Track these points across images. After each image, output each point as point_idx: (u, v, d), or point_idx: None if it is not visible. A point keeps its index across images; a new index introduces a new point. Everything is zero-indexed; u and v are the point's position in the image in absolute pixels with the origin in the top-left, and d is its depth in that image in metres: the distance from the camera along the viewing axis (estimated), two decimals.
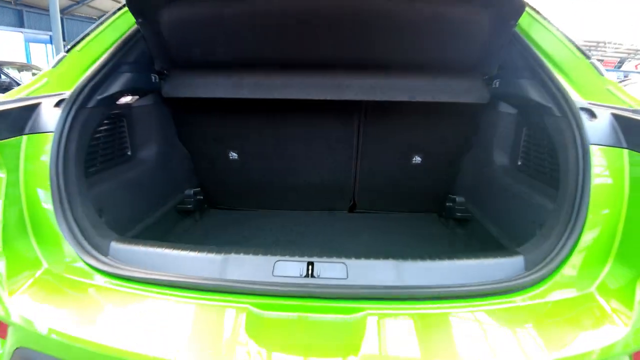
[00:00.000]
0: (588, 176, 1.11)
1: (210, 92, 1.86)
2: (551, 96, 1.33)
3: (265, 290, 1.02)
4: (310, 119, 2.12)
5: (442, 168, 2.22)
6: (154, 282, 1.06)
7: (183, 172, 2.24)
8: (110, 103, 1.57)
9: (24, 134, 1.23)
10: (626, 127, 1.13)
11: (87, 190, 1.36)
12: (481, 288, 1.04)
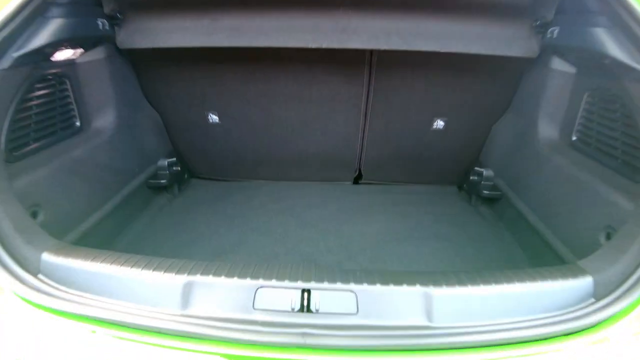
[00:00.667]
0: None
1: (177, 40, 1.44)
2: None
3: (242, 339, 0.72)
4: (307, 72, 1.69)
5: (468, 134, 1.84)
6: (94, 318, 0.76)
7: (153, 138, 1.84)
8: (37, 60, 1.17)
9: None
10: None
11: (9, 181, 1.02)
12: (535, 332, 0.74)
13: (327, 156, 1.95)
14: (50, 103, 1.32)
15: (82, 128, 1.47)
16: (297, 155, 1.95)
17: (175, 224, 1.68)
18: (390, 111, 1.76)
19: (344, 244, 1.57)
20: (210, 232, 1.65)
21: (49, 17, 1.15)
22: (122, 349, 0.74)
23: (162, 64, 1.64)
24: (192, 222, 1.70)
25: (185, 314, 0.77)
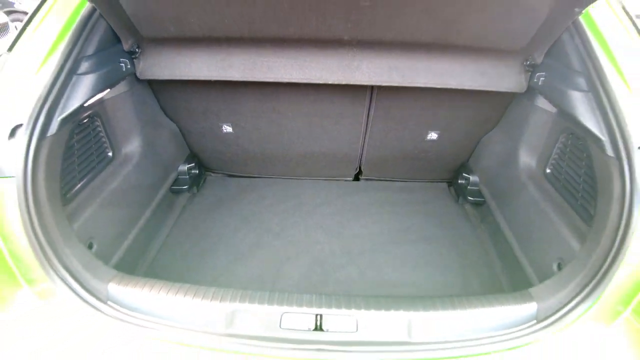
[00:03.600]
0: (630, 237, 1.00)
1: (194, 72, 1.58)
2: (607, 127, 1.13)
3: (272, 353, 0.96)
4: (315, 94, 1.85)
5: (458, 145, 2.05)
6: (159, 337, 0.99)
7: (173, 149, 2.03)
8: (76, 115, 1.30)
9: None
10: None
11: (71, 224, 1.21)
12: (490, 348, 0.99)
13: (331, 157, 2.17)
14: (87, 143, 1.49)
15: (114, 157, 1.65)
16: (303, 156, 2.17)
17: (197, 228, 1.93)
18: (389, 125, 1.96)
19: (346, 246, 1.83)
20: (229, 234, 1.90)
21: (81, 74, 1.28)
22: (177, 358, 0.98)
23: (179, 85, 1.79)
24: (211, 224, 1.95)
25: (228, 333, 1.01)
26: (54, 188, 1.16)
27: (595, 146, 1.19)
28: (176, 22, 1.42)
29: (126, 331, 1.01)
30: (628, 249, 1.01)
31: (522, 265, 1.49)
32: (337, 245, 1.83)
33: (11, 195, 1.05)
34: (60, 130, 1.18)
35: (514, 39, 1.44)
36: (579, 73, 1.28)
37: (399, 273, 1.71)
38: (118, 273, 1.15)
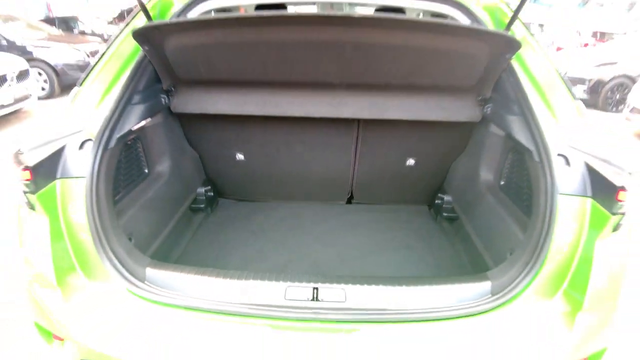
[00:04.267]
0: (553, 221, 1.30)
1: (217, 108, 1.97)
2: (534, 142, 1.46)
3: (279, 315, 1.24)
4: (312, 127, 2.25)
5: (433, 170, 2.41)
6: (188, 307, 1.26)
7: (194, 172, 2.39)
8: (128, 136, 1.67)
9: (57, 179, 1.35)
10: (594, 179, 1.30)
11: (118, 220, 1.50)
12: (452, 313, 1.26)
13: (327, 183, 2.52)
14: (131, 160, 1.84)
15: (149, 173, 2.01)
16: (303, 182, 2.52)
17: (212, 240, 2.23)
18: (373, 153, 2.34)
19: (339, 253, 2.14)
20: (239, 244, 2.19)
21: (134, 104, 1.64)
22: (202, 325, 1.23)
23: (202, 119, 2.15)
24: (224, 238, 2.24)
25: (244, 302, 1.28)
26: (109, 190, 1.47)
27: (527, 155, 1.52)
28: (206, 69, 1.82)
29: (160, 305, 1.27)
30: (554, 230, 1.30)
31: (486, 260, 1.79)
32: (331, 252, 2.13)
33: (80, 191, 1.35)
34: (116, 145, 1.52)
35: (465, 80, 1.83)
36: (514, 102, 1.64)
37: (382, 270, 2.01)
38: (152, 260, 1.45)
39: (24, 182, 1.27)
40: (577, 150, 1.36)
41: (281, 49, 1.70)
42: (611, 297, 1.27)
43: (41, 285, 1.28)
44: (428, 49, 1.66)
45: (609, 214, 1.23)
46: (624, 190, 1.19)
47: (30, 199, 1.29)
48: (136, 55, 1.67)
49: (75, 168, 1.37)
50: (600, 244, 1.25)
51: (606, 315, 1.26)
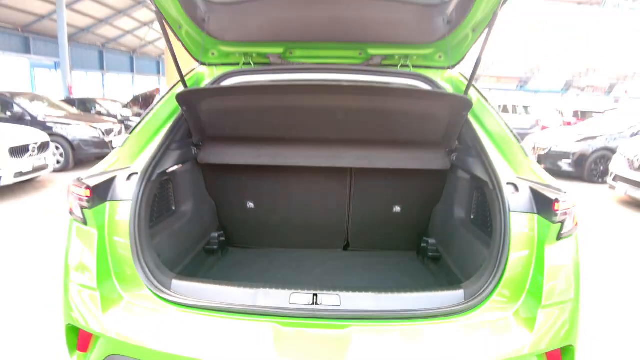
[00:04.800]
0: (508, 235, 1.54)
1: (236, 159, 2.33)
2: (487, 174, 1.77)
3: (285, 314, 1.44)
4: (313, 178, 2.59)
5: (417, 216, 2.69)
6: (208, 308, 1.46)
7: (210, 218, 2.66)
8: (164, 175, 2.00)
9: (107, 201, 1.63)
10: (537, 199, 1.56)
11: (151, 241, 1.74)
12: (430, 312, 1.46)
13: (325, 230, 2.78)
14: (163, 196, 2.14)
15: (175, 211, 2.29)
16: (305, 230, 2.78)
17: (222, 277, 2.43)
18: (365, 202, 2.64)
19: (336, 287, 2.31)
20: (246, 280, 2.38)
21: (172, 150, 1.99)
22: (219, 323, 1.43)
23: (221, 171, 2.48)
24: (233, 275, 2.46)
25: (255, 304, 1.49)
26: (147, 213, 1.75)
27: (485, 187, 1.81)
28: (229, 127, 2.22)
29: (183, 307, 1.48)
30: (510, 241, 1.54)
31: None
32: (329, 286, 2.32)
33: (124, 212, 1.63)
34: (156, 179, 1.84)
35: (433, 136, 2.22)
36: (473, 148, 1.99)
37: None
38: (177, 275, 1.68)
39: (84, 198, 1.55)
40: (523, 180, 1.66)
41: (289, 112, 2.11)
42: (566, 295, 1.48)
43: (83, 287, 1.51)
44: (403, 111, 2.07)
45: (551, 223, 1.49)
46: (557, 202, 1.45)
47: (85, 214, 1.57)
48: (175, 114, 2.05)
49: (123, 194, 1.66)
50: (549, 249, 1.50)
51: (565, 310, 1.46)
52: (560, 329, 1.44)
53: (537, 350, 1.38)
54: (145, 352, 1.37)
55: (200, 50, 2.25)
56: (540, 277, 1.48)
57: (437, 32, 2.13)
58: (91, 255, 1.54)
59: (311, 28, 2.19)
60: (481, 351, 1.36)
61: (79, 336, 1.53)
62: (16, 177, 6.18)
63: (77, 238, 1.59)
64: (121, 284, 1.54)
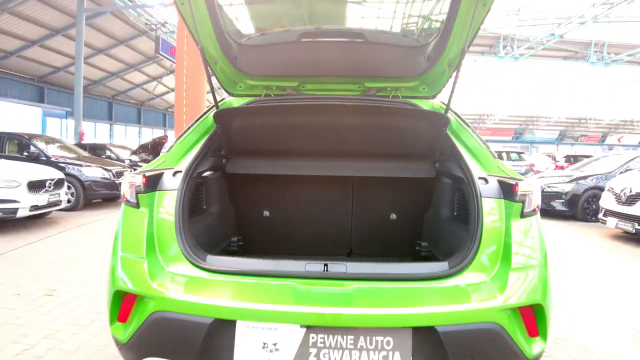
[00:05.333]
0: (481, 215, 1.83)
1: (257, 170, 2.72)
2: (464, 173, 2.09)
3: (301, 276, 1.70)
4: (320, 189, 2.93)
5: (410, 222, 2.97)
6: (238, 272, 1.74)
7: (231, 222, 2.97)
8: (200, 176, 2.34)
9: (156, 190, 1.95)
10: (502, 187, 1.88)
11: (190, 227, 2.02)
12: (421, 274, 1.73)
13: (331, 238, 3.05)
14: (197, 195, 2.45)
15: (205, 210, 2.59)
16: (312, 238, 3.06)
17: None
18: (366, 210, 2.95)
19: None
20: None
21: (207, 157, 2.36)
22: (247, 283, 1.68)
23: (242, 182, 2.83)
24: None
25: (277, 269, 1.74)
26: (188, 202, 2.04)
27: (462, 183, 2.13)
28: (253, 142, 2.62)
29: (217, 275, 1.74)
30: (483, 220, 1.83)
31: None
32: None
33: (170, 200, 1.95)
34: (195, 177, 2.18)
35: (420, 149, 2.60)
36: (452, 156, 2.34)
37: None
38: (209, 254, 1.94)
39: (140, 185, 1.87)
40: (491, 175, 2.00)
41: (301, 129, 2.52)
42: (532, 260, 1.75)
43: (133, 258, 1.78)
44: (394, 127, 2.48)
45: (514, 203, 1.81)
46: (517, 186, 1.79)
47: (139, 198, 1.89)
48: (209, 131, 2.43)
49: (169, 185, 1.98)
50: (514, 224, 1.80)
51: (531, 273, 1.71)
52: (528, 288, 1.68)
53: (509, 304, 1.61)
54: (185, 305, 1.60)
55: (230, 82, 2.70)
56: (509, 246, 1.76)
57: (420, 68, 2.56)
58: (141, 232, 1.83)
59: (320, 66, 2.64)
60: (462, 304, 1.61)
61: (122, 305, 1.74)
62: (31, 210, 6.48)
63: (130, 219, 1.89)
64: (163, 256, 1.81)
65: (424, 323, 1.53)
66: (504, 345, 1.55)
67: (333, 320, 1.52)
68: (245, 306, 1.57)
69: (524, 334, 1.62)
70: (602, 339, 3.00)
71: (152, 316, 1.63)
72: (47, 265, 4.62)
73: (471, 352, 1.54)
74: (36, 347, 2.71)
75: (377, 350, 1.54)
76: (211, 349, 1.57)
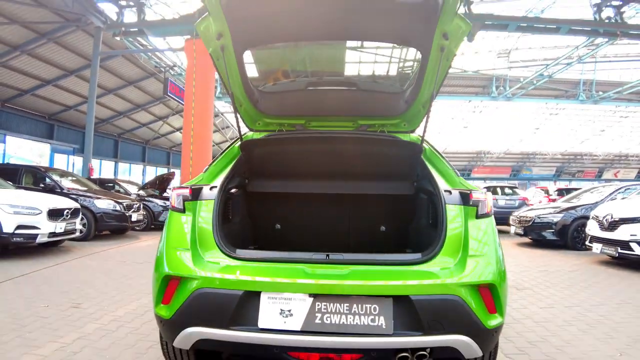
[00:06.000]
0: (446, 217, 2.28)
1: (272, 189, 3.28)
2: (433, 187, 2.55)
3: (310, 261, 2.15)
4: (322, 205, 3.44)
5: (397, 233, 3.43)
6: (260, 259, 2.20)
7: (249, 234, 3.43)
8: (229, 191, 2.82)
9: (198, 200, 2.41)
10: (462, 196, 2.33)
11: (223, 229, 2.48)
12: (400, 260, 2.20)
13: (331, 246, 3.45)
14: (225, 208, 2.87)
15: (231, 220, 3.03)
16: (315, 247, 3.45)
17: None
18: (360, 223, 3.45)
19: None
20: None
21: (235, 177, 2.84)
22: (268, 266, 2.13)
23: (259, 200, 3.36)
24: None
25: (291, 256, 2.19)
26: (222, 209, 2.51)
27: (433, 195, 2.59)
28: (269, 168, 3.20)
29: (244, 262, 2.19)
30: (447, 220, 2.28)
31: None
32: None
33: (208, 207, 2.40)
34: (226, 191, 2.66)
35: (401, 171, 3.15)
36: (426, 177, 2.82)
37: None
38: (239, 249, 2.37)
39: (188, 194, 2.38)
40: (454, 189, 2.45)
41: (306, 155, 3.11)
42: (485, 250, 2.19)
43: (181, 250, 2.23)
44: (381, 153, 3.05)
45: (470, 207, 2.29)
46: (472, 194, 2.29)
47: (185, 205, 2.38)
48: (235, 157, 2.94)
49: (207, 196, 2.45)
50: (471, 223, 2.27)
51: (484, 259, 2.14)
52: (482, 270, 2.10)
53: (466, 281, 2.03)
54: (222, 281, 2.05)
55: (251, 120, 3.26)
56: (467, 239, 2.21)
57: (401, 109, 3.14)
58: (187, 230, 2.30)
59: (322, 108, 3.24)
60: (430, 279, 2.06)
61: (166, 289, 2.14)
62: (50, 237, 6.89)
63: (176, 221, 2.36)
64: (202, 249, 2.26)
65: (401, 292, 1.98)
66: (465, 315, 1.96)
67: (333, 289, 1.98)
68: (268, 280, 2.03)
69: (483, 309, 2.02)
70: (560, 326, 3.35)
71: (194, 293, 2.04)
72: (68, 284, 5.00)
73: (438, 318, 1.95)
74: (71, 345, 3.08)
75: (367, 315, 1.96)
76: (240, 316, 1.99)
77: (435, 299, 1.97)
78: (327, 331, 1.95)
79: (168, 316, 2.07)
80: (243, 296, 1.99)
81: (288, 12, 2.45)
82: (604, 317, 4.01)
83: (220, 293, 2.01)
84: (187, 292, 2.06)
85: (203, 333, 2.00)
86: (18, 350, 2.95)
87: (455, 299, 1.97)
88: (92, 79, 15.23)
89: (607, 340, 3.38)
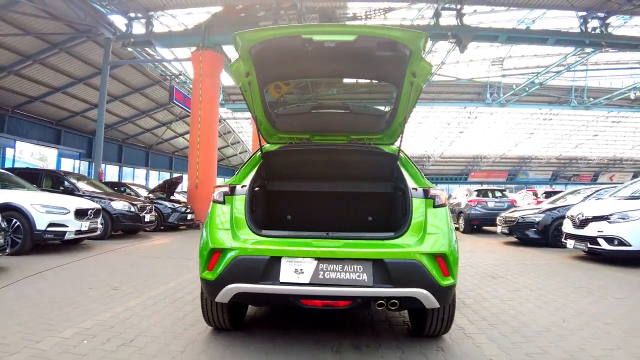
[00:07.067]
0: (411, 207, 3.02)
1: (286, 188, 4.09)
2: (404, 186, 3.28)
3: (316, 237, 2.92)
4: (322, 201, 4.24)
5: (381, 222, 4.21)
6: (281, 236, 2.96)
7: (268, 222, 4.18)
8: (254, 189, 3.55)
9: (233, 195, 3.15)
10: (424, 192, 3.07)
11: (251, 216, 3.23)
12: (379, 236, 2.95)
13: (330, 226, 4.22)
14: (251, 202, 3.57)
15: (254, 212, 3.70)
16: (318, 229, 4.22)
17: None
18: (352, 214, 4.24)
19: None
20: None
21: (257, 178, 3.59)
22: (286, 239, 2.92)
23: (274, 196, 4.17)
24: None
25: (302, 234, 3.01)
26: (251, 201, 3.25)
27: (405, 192, 3.31)
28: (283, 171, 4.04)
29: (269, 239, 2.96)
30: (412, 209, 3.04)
31: None
32: None
33: (241, 199, 3.17)
34: (253, 189, 3.43)
35: (382, 174, 3.95)
36: (399, 177, 3.62)
37: None
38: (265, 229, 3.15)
39: (227, 190, 3.14)
40: (419, 187, 3.19)
41: (312, 163, 3.95)
42: (439, 229, 2.94)
43: (222, 230, 2.99)
44: (368, 160, 3.88)
45: (429, 200, 3.06)
46: (429, 190, 3.07)
47: (225, 198, 3.13)
48: (258, 163, 3.70)
49: (240, 192, 3.19)
50: (429, 211, 3.03)
51: (438, 236, 2.89)
52: (436, 243, 2.86)
53: (424, 250, 2.80)
54: (253, 250, 2.83)
55: (269, 135, 4.09)
56: (427, 223, 2.97)
57: (383, 127, 4.02)
58: (227, 216, 3.07)
59: (323, 126, 4.12)
60: (399, 249, 2.83)
61: (211, 259, 2.89)
62: (76, 234, 7.63)
63: (218, 210, 3.12)
64: (238, 230, 3.01)
65: (379, 257, 2.76)
66: (424, 275, 2.73)
67: (331, 254, 2.77)
68: (287, 248, 2.82)
69: (439, 272, 2.78)
70: None
71: (234, 260, 2.81)
72: (101, 273, 5.74)
73: (405, 275, 2.72)
74: (121, 314, 3.83)
75: (354, 272, 2.74)
76: (267, 274, 2.76)
77: (402, 262, 2.75)
78: (327, 283, 2.71)
79: (213, 278, 2.83)
80: (269, 260, 2.77)
81: (298, 60, 3.34)
82: (559, 297, 4.76)
83: (253, 258, 2.79)
84: (228, 260, 2.82)
85: (240, 287, 2.76)
86: (82, 317, 3.70)
87: (416, 263, 2.74)
88: (102, 87, 15.98)
89: (555, 312, 4.13)
